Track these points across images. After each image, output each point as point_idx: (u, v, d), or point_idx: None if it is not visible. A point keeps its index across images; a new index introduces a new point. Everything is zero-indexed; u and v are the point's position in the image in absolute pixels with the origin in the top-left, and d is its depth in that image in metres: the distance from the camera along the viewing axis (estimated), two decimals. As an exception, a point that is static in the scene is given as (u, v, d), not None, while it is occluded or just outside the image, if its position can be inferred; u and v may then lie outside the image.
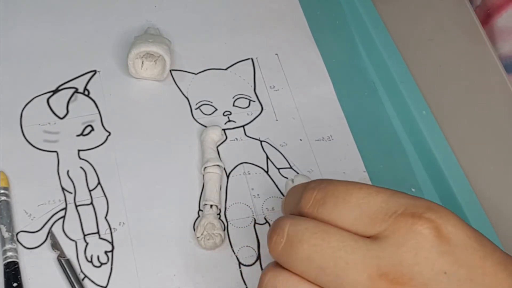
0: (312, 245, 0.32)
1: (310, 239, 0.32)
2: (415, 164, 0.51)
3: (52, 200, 0.48)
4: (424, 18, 0.56)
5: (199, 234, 0.46)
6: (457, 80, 0.52)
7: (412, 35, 0.55)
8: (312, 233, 0.32)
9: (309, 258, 0.32)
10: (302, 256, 0.32)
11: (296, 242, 0.32)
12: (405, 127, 0.52)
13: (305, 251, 0.32)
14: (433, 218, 0.31)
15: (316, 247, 0.32)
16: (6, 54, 0.54)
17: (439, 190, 0.49)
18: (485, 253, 0.31)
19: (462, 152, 0.49)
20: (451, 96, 0.51)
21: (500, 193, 0.47)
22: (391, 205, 0.32)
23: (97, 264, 0.45)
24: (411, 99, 0.52)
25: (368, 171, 0.51)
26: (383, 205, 0.32)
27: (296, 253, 0.32)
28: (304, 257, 0.32)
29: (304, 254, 0.32)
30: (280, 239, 0.33)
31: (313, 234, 0.32)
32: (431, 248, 0.31)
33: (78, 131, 0.51)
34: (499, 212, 0.46)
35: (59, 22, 0.57)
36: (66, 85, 0.53)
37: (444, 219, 0.31)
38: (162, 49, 0.52)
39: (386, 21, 0.56)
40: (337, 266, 0.31)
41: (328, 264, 0.31)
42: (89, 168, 0.49)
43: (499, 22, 0.54)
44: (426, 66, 0.53)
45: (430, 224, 0.31)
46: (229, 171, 0.50)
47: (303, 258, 0.32)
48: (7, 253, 0.44)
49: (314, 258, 0.32)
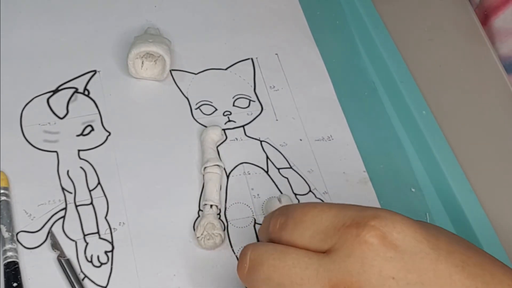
0: (271, 265, 0.34)
1: (268, 260, 0.34)
2: (415, 164, 0.51)
3: (52, 200, 0.48)
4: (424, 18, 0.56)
5: (199, 234, 0.46)
6: (457, 80, 0.52)
7: (412, 35, 0.55)
8: (270, 255, 0.35)
9: (269, 278, 0.34)
10: (263, 277, 0.35)
11: (257, 265, 0.35)
12: (405, 127, 0.52)
13: (265, 272, 0.34)
14: (378, 226, 0.32)
15: (274, 267, 0.34)
16: (6, 54, 0.54)
17: (439, 190, 0.49)
18: (438, 255, 0.32)
19: (462, 152, 0.49)
20: (451, 96, 0.51)
21: (501, 193, 0.47)
22: (340, 218, 0.34)
23: (97, 264, 0.45)
24: (411, 99, 0.52)
25: (368, 171, 0.51)
26: (334, 219, 0.34)
27: (258, 275, 0.35)
28: (265, 277, 0.34)
29: (264, 275, 0.34)
30: (244, 265, 0.36)
31: (271, 255, 0.35)
32: (377, 256, 0.32)
33: (78, 131, 0.51)
34: (499, 211, 0.46)
35: (59, 22, 0.57)
36: (66, 85, 0.53)
37: (389, 226, 0.32)
38: (162, 49, 0.52)
39: (386, 21, 0.56)
40: (293, 282, 0.33)
41: (285, 281, 0.34)
42: (89, 168, 0.49)
43: (496, 23, 0.55)
44: (426, 66, 0.53)
45: (374, 232, 0.32)
46: (229, 171, 0.50)
47: (264, 278, 0.35)
48: (7, 253, 0.44)
49: (273, 277, 0.34)
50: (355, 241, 0.32)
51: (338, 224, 0.33)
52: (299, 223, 0.35)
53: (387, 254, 0.32)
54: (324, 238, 0.34)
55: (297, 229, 0.35)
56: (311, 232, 0.34)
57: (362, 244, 0.32)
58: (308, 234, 0.34)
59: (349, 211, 0.34)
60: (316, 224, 0.34)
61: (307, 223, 0.35)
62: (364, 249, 0.32)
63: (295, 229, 0.35)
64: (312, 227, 0.34)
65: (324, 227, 0.34)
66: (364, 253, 0.32)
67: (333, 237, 0.33)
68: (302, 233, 0.35)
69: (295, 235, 0.35)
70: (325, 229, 0.34)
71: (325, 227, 0.34)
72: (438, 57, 0.53)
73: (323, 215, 0.34)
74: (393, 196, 0.49)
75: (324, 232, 0.34)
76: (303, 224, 0.35)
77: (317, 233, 0.34)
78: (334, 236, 0.33)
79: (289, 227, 0.35)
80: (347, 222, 0.33)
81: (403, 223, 0.33)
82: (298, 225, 0.35)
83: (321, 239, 0.34)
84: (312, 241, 0.34)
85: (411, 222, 0.33)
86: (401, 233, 0.32)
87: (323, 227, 0.34)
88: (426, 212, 0.48)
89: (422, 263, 0.32)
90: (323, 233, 0.34)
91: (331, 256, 0.33)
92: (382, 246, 0.32)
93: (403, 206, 0.49)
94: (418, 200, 0.48)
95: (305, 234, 0.35)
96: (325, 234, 0.34)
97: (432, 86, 0.52)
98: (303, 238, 0.35)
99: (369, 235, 0.32)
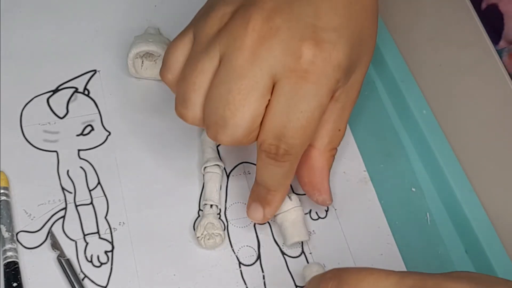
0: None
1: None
2: (415, 164, 0.51)
3: (52, 200, 0.48)
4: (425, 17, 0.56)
5: (199, 234, 0.46)
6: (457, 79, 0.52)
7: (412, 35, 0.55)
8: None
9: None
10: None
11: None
12: (405, 127, 0.52)
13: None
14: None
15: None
16: (6, 54, 0.54)
17: (440, 190, 0.49)
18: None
19: (463, 151, 0.49)
20: (452, 96, 0.51)
21: (501, 192, 0.47)
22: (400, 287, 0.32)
23: (97, 264, 0.45)
24: (411, 99, 0.52)
25: (368, 171, 0.51)
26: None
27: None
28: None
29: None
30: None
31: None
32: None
33: (78, 131, 0.51)
34: (499, 211, 0.46)
35: (59, 22, 0.57)
36: (66, 85, 0.53)
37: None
38: (162, 49, 0.52)
39: (386, 21, 0.56)
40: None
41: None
42: (89, 168, 0.49)
43: None
44: (426, 65, 0.53)
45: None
46: (229, 171, 0.50)
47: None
48: (7, 253, 0.44)
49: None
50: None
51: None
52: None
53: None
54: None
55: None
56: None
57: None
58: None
59: (409, 280, 0.32)
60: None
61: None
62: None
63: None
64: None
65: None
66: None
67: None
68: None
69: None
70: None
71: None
72: (439, 57, 0.53)
73: (380, 282, 0.33)
74: (393, 196, 0.49)
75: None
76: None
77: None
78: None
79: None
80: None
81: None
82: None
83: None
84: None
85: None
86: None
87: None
88: (426, 212, 0.48)
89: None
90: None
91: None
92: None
93: (403, 206, 0.49)
94: (418, 200, 0.48)
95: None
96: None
97: (432, 85, 0.52)
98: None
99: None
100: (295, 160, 0.41)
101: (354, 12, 0.41)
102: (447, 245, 0.46)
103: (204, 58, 0.40)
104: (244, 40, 0.38)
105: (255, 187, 0.45)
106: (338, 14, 0.40)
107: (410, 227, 0.48)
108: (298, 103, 0.39)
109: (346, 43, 0.40)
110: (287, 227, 0.46)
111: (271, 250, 0.47)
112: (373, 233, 0.48)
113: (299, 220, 0.46)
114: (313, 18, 0.39)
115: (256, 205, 0.45)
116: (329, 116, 0.44)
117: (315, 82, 0.38)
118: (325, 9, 0.39)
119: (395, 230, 0.48)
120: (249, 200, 0.46)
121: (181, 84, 0.42)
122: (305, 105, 0.39)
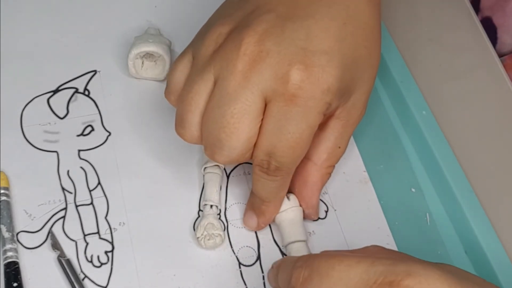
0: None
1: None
2: (415, 164, 0.51)
3: (52, 200, 0.48)
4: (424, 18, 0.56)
5: (199, 234, 0.46)
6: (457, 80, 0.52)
7: (412, 35, 0.55)
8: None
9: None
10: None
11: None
12: (405, 127, 0.52)
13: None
14: (412, 284, 0.31)
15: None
16: (6, 54, 0.54)
17: (439, 190, 0.49)
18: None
19: (463, 151, 0.49)
20: (451, 96, 0.51)
21: (501, 192, 0.47)
22: (370, 274, 0.32)
23: (97, 264, 0.45)
24: (411, 99, 0.52)
25: (368, 171, 0.51)
26: (364, 275, 0.33)
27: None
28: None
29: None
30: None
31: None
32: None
33: (78, 131, 0.51)
34: (499, 212, 0.46)
35: (59, 22, 0.57)
36: (66, 85, 0.53)
37: (424, 284, 0.31)
38: (162, 49, 0.52)
39: (386, 21, 0.56)
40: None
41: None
42: (89, 168, 0.49)
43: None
44: (426, 66, 0.53)
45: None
46: (229, 171, 0.50)
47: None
48: (7, 253, 0.44)
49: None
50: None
51: (369, 281, 0.32)
52: (325, 278, 0.34)
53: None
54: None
55: (324, 285, 0.34)
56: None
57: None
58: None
59: (380, 266, 0.32)
60: (344, 280, 0.33)
61: (334, 279, 0.33)
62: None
63: (321, 284, 0.34)
64: (340, 283, 0.33)
65: (353, 283, 0.33)
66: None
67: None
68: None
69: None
70: (354, 286, 0.33)
71: (354, 283, 0.33)
72: (438, 57, 0.53)
73: (351, 270, 0.33)
74: (393, 196, 0.49)
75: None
76: (330, 279, 0.33)
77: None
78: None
79: (314, 282, 0.34)
80: (378, 279, 0.32)
81: (437, 281, 0.31)
82: (325, 280, 0.34)
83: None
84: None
85: (445, 278, 0.32)
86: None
87: (352, 284, 0.33)
88: (426, 212, 0.48)
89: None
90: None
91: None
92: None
93: (403, 206, 0.49)
94: (418, 200, 0.48)
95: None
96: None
97: (432, 86, 0.52)
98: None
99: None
100: (287, 175, 0.43)
101: (349, 33, 0.41)
102: (447, 245, 0.46)
103: (199, 81, 0.41)
104: (236, 64, 0.40)
105: (250, 197, 0.46)
106: (330, 37, 0.40)
107: (409, 227, 0.48)
108: (286, 125, 0.40)
109: (338, 66, 0.40)
110: (285, 227, 0.46)
111: (271, 250, 0.47)
112: (373, 233, 0.48)
113: (297, 220, 0.46)
114: (304, 41, 0.40)
115: (251, 213, 0.46)
116: (330, 133, 0.45)
117: (302, 106, 0.40)
118: (317, 31, 0.40)
119: (395, 231, 0.48)
120: (246, 207, 0.47)
121: (179, 104, 0.43)
122: (293, 127, 0.40)
